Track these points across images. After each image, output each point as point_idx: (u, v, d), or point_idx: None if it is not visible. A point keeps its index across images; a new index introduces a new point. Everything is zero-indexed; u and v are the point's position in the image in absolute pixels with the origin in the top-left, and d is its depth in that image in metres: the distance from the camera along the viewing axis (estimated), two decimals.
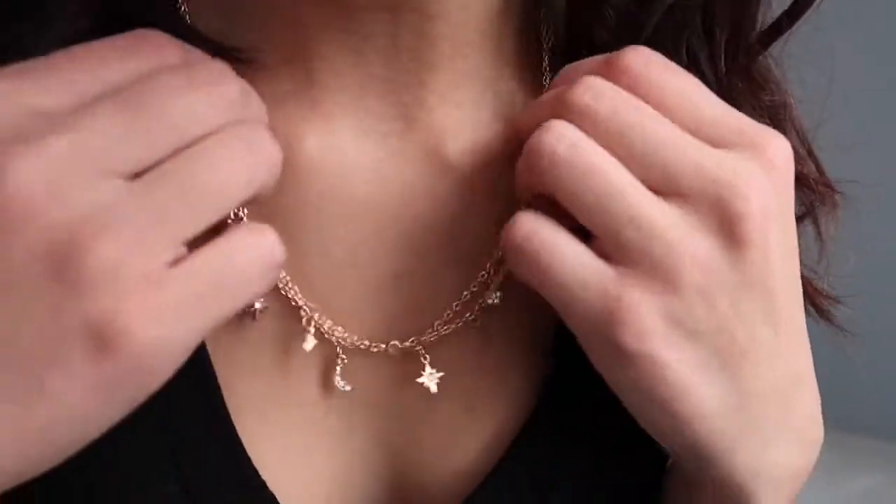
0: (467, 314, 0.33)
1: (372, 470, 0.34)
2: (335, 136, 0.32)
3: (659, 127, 0.28)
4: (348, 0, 0.30)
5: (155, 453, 0.30)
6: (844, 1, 0.35)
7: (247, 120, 0.27)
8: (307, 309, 0.32)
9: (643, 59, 0.29)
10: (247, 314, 0.32)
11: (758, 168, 0.28)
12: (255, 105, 0.28)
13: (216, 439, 0.31)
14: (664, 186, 0.28)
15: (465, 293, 0.33)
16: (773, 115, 0.35)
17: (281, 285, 0.32)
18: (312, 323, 0.32)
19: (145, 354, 0.23)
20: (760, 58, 0.35)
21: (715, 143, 0.28)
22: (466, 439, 0.34)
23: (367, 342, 0.32)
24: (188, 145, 0.25)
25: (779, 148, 0.29)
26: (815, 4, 0.34)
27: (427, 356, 0.33)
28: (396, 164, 0.33)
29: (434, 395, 0.33)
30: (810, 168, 0.37)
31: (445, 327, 0.33)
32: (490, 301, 0.33)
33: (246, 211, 0.31)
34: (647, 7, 0.33)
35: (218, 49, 0.30)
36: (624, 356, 0.27)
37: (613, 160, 0.28)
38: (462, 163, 0.33)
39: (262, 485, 0.31)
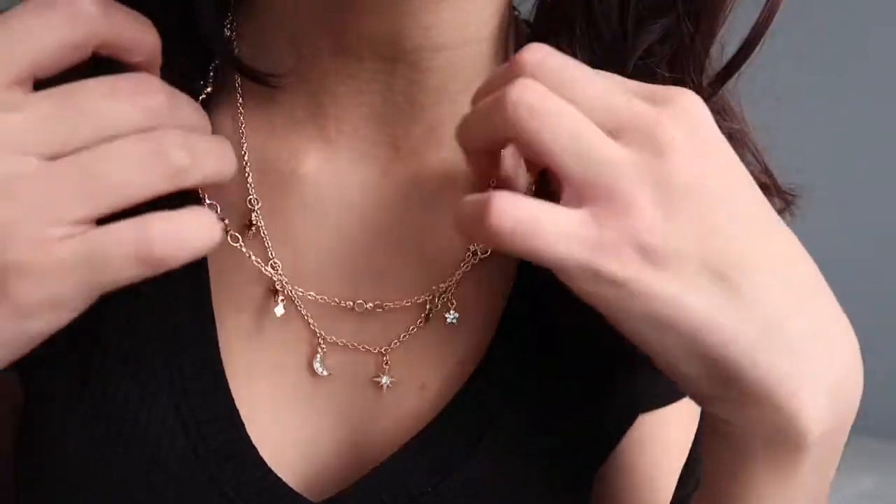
0: (428, 322, 0.38)
1: (334, 444, 0.38)
2: (335, 155, 0.39)
3: (598, 81, 0.31)
4: (355, 51, 0.36)
5: (160, 395, 0.36)
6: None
7: (168, 126, 0.30)
8: (300, 304, 0.38)
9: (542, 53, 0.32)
10: (271, 298, 0.38)
11: (674, 110, 0.31)
12: (187, 113, 0.32)
13: (212, 388, 0.37)
14: (608, 128, 0.31)
15: (428, 307, 0.38)
16: (733, 138, 0.38)
17: (281, 274, 0.38)
18: (303, 315, 0.38)
19: (28, 305, 0.28)
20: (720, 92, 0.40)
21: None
22: (417, 417, 0.38)
23: (344, 340, 0.38)
24: (103, 142, 0.29)
25: (688, 97, 0.31)
26: (758, 48, 0.38)
27: (388, 362, 0.38)
28: (381, 181, 0.39)
29: (389, 386, 0.38)
30: (767, 181, 0.41)
31: (409, 332, 0.38)
32: (448, 321, 0.38)
33: (259, 202, 0.38)
34: (616, 58, 0.38)
35: (254, 74, 0.37)
36: (616, 285, 0.30)
37: (572, 107, 0.30)
38: (436, 185, 0.39)
39: (247, 437, 0.37)
